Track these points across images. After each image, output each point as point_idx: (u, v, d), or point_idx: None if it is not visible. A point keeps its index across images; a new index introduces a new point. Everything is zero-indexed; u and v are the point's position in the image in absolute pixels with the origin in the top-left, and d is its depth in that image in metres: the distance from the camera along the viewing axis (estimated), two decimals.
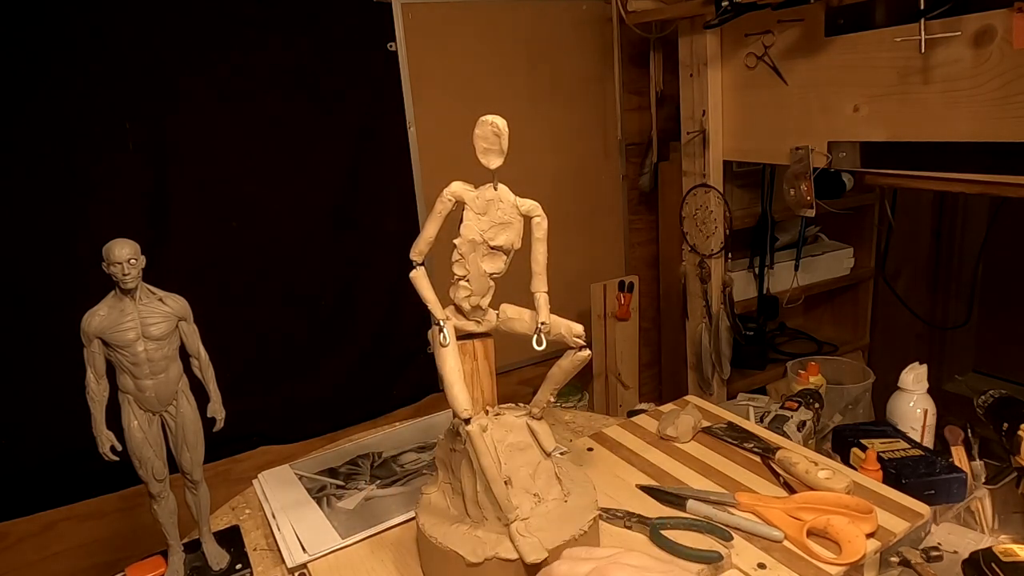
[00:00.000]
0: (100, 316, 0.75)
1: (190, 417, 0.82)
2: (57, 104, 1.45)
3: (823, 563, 0.79)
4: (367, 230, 1.85)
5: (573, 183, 2.18)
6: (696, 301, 1.99)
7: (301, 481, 1.07)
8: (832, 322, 2.54)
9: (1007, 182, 1.25)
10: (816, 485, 0.91)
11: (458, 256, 0.78)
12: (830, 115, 1.52)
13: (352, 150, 1.79)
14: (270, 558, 0.91)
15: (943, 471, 1.05)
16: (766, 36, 1.62)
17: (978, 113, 1.26)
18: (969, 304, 2.40)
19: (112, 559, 1.67)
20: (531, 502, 0.79)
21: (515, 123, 0.75)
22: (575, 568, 0.53)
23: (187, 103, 1.57)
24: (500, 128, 0.74)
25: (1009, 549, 0.88)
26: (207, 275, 1.65)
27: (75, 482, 1.59)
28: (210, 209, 1.64)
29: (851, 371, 1.68)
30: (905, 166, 1.40)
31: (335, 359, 1.87)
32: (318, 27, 1.69)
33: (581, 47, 2.10)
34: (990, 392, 1.21)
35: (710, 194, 1.87)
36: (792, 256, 2.26)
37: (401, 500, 1.00)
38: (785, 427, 1.16)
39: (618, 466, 1.03)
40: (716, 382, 2.00)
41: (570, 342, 0.79)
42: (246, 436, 1.79)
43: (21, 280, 1.48)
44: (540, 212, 0.78)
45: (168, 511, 0.84)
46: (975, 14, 1.22)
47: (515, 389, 2.16)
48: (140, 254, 0.75)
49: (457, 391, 0.74)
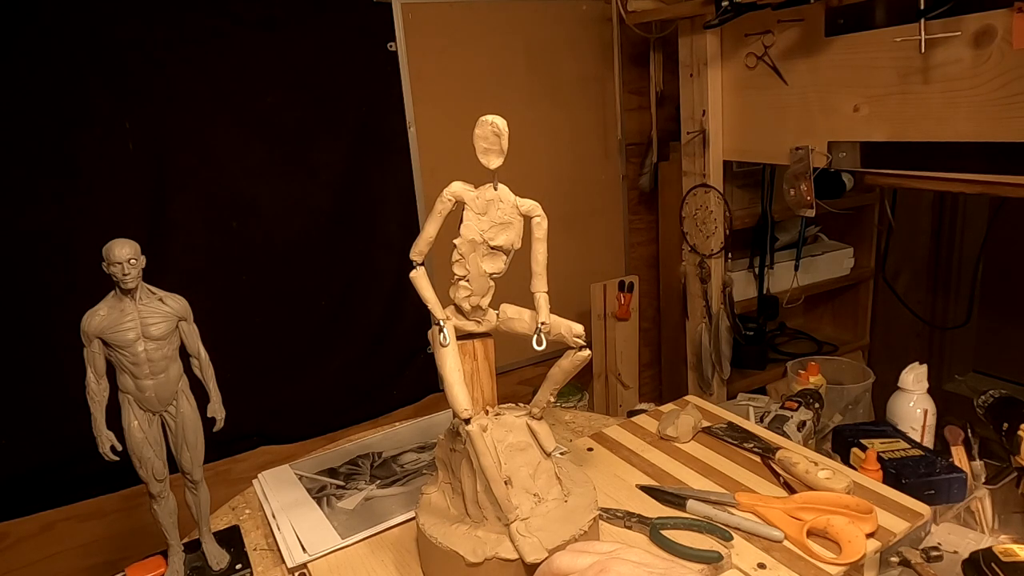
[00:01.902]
0: (100, 316, 0.75)
1: (190, 417, 0.82)
2: (57, 104, 1.45)
3: (823, 563, 0.79)
4: (367, 230, 1.85)
5: (573, 183, 2.18)
6: (696, 301, 1.99)
7: (301, 481, 1.07)
8: (832, 322, 2.54)
9: (1007, 182, 1.25)
10: (816, 485, 0.91)
11: (458, 256, 0.78)
12: (830, 115, 1.52)
13: (352, 150, 1.79)
14: (270, 558, 0.91)
15: (943, 471, 1.05)
16: (766, 36, 1.62)
17: (978, 113, 1.26)
18: (969, 304, 2.40)
19: (112, 559, 1.67)
20: (531, 502, 0.79)
21: (515, 123, 0.75)
22: (576, 560, 0.53)
23: (187, 103, 1.57)
24: (500, 128, 0.73)
25: (1009, 549, 0.88)
26: (207, 275, 1.66)
27: (75, 482, 1.59)
28: (210, 209, 1.64)
29: (851, 371, 1.68)
30: (905, 166, 1.40)
31: (335, 359, 1.87)
32: (318, 27, 1.69)
33: (581, 47, 2.10)
34: (990, 392, 1.21)
35: (710, 194, 1.87)
36: (792, 256, 2.26)
37: (401, 500, 1.00)
38: (785, 427, 1.16)
39: (618, 466, 1.03)
40: (716, 382, 2.00)
41: (570, 342, 0.79)
42: (246, 436, 1.79)
43: (21, 280, 1.48)
44: (540, 212, 0.78)
45: (168, 511, 0.84)
46: (975, 14, 1.22)
47: (515, 389, 2.16)
48: (140, 254, 0.75)
49: (457, 391, 0.74)
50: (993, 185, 1.28)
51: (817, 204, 1.59)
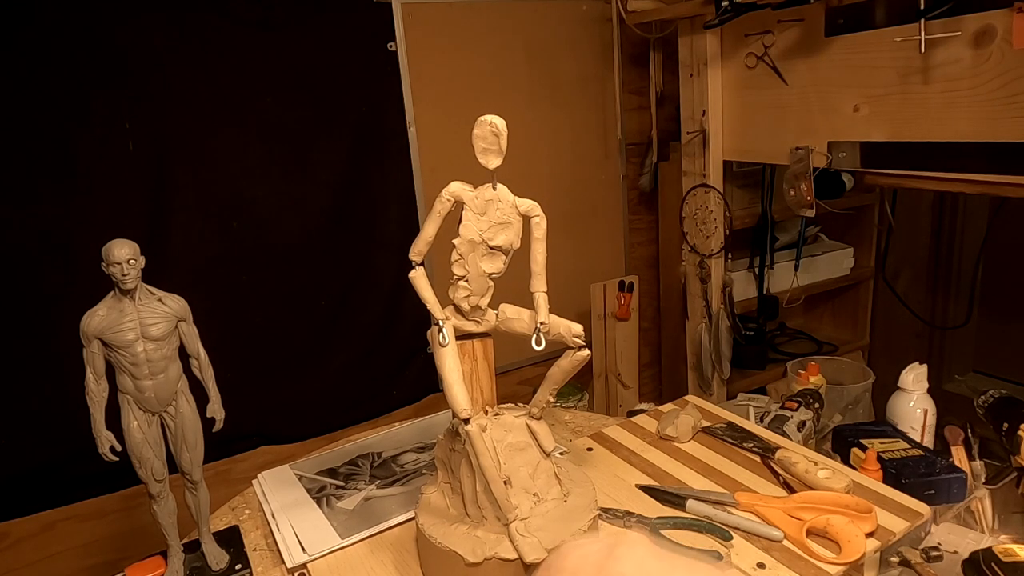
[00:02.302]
0: (99, 316, 0.75)
1: (189, 417, 0.82)
2: (57, 103, 1.45)
3: (823, 563, 0.79)
4: (367, 230, 1.85)
5: (573, 183, 2.18)
6: (696, 301, 1.99)
7: (301, 481, 1.07)
8: (832, 322, 2.54)
9: (1007, 182, 1.25)
10: (815, 485, 0.91)
11: (457, 256, 0.78)
12: (830, 115, 1.52)
13: (352, 150, 1.79)
14: (270, 558, 0.91)
15: (943, 471, 1.05)
16: (766, 36, 1.62)
17: (978, 113, 1.26)
18: (969, 304, 2.40)
19: (112, 559, 1.67)
20: (530, 502, 0.79)
21: (515, 123, 0.75)
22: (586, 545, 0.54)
23: (187, 103, 1.57)
24: (499, 128, 0.74)
25: (1009, 549, 0.88)
26: (207, 275, 1.65)
27: (75, 482, 1.59)
28: (210, 209, 1.64)
29: (851, 371, 1.68)
30: (905, 166, 1.40)
31: (335, 359, 1.87)
32: (318, 27, 1.69)
33: (581, 47, 2.10)
34: (990, 392, 1.21)
35: (710, 194, 1.87)
36: (792, 256, 2.26)
37: (400, 500, 1.00)
38: (785, 427, 1.16)
39: (618, 466, 1.03)
40: (716, 382, 2.00)
41: (569, 342, 0.79)
42: (246, 436, 1.79)
43: (21, 280, 1.48)
44: (539, 212, 0.79)
45: (168, 511, 0.84)
46: (975, 14, 1.22)
47: (515, 389, 2.16)
48: (139, 254, 0.75)
49: (457, 391, 0.74)
50: (993, 185, 1.28)
51: (817, 204, 1.59)
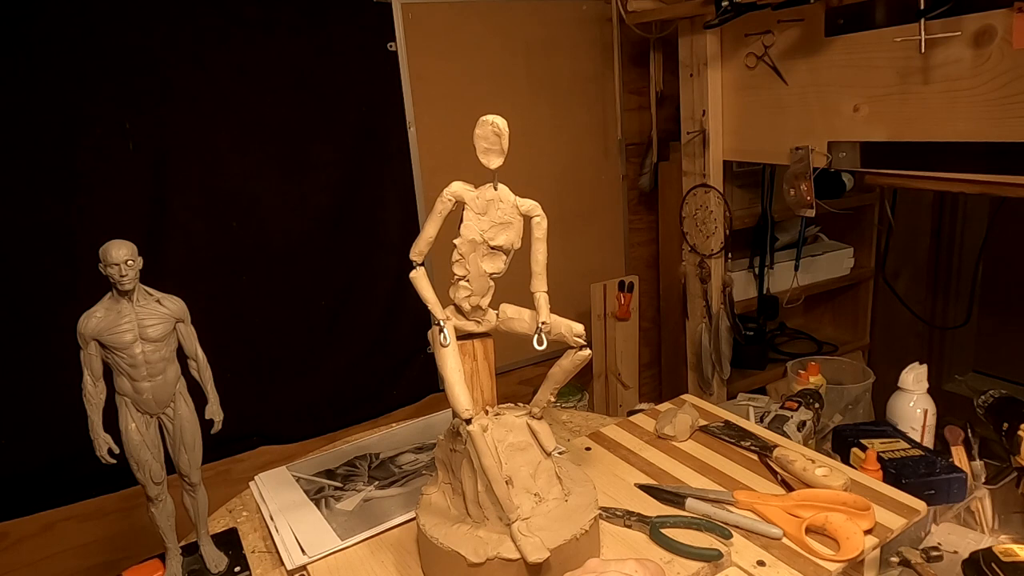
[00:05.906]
0: (97, 318, 0.75)
1: (188, 419, 0.82)
2: (57, 104, 1.45)
3: (822, 560, 0.79)
4: (367, 230, 1.85)
5: (573, 183, 2.18)
6: (696, 301, 1.99)
7: (298, 483, 1.07)
8: (832, 322, 2.54)
9: (1007, 182, 1.25)
10: (814, 482, 0.91)
11: (458, 256, 0.78)
12: (830, 115, 1.52)
13: (352, 150, 1.79)
14: (269, 560, 0.91)
15: (943, 471, 1.05)
16: (766, 36, 1.62)
17: (978, 113, 1.26)
18: (969, 304, 2.40)
19: (112, 559, 1.67)
20: (532, 502, 0.79)
21: (515, 123, 0.75)
22: None
23: (187, 103, 1.57)
24: (500, 128, 0.74)
25: (1009, 549, 0.88)
26: (207, 275, 1.65)
27: (75, 482, 1.59)
28: (210, 209, 1.64)
29: (851, 371, 1.67)
30: (905, 166, 1.40)
31: (335, 359, 1.87)
32: (318, 27, 1.69)
33: (581, 47, 2.10)
34: (990, 392, 1.21)
35: (710, 194, 1.86)
36: (792, 256, 2.26)
37: (400, 501, 1.00)
38: (785, 427, 1.16)
39: (616, 465, 1.03)
40: (716, 382, 2.00)
41: (570, 342, 0.79)
42: (245, 436, 1.79)
43: (20, 280, 1.48)
44: (540, 212, 0.79)
45: (166, 514, 0.84)
46: (975, 14, 1.22)
47: (515, 389, 2.16)
48: (137, 255, 0.75)
49: (458, 391, 0.74)
50: (993, 185, 1.28)
51: (817, 204, 1.59)
